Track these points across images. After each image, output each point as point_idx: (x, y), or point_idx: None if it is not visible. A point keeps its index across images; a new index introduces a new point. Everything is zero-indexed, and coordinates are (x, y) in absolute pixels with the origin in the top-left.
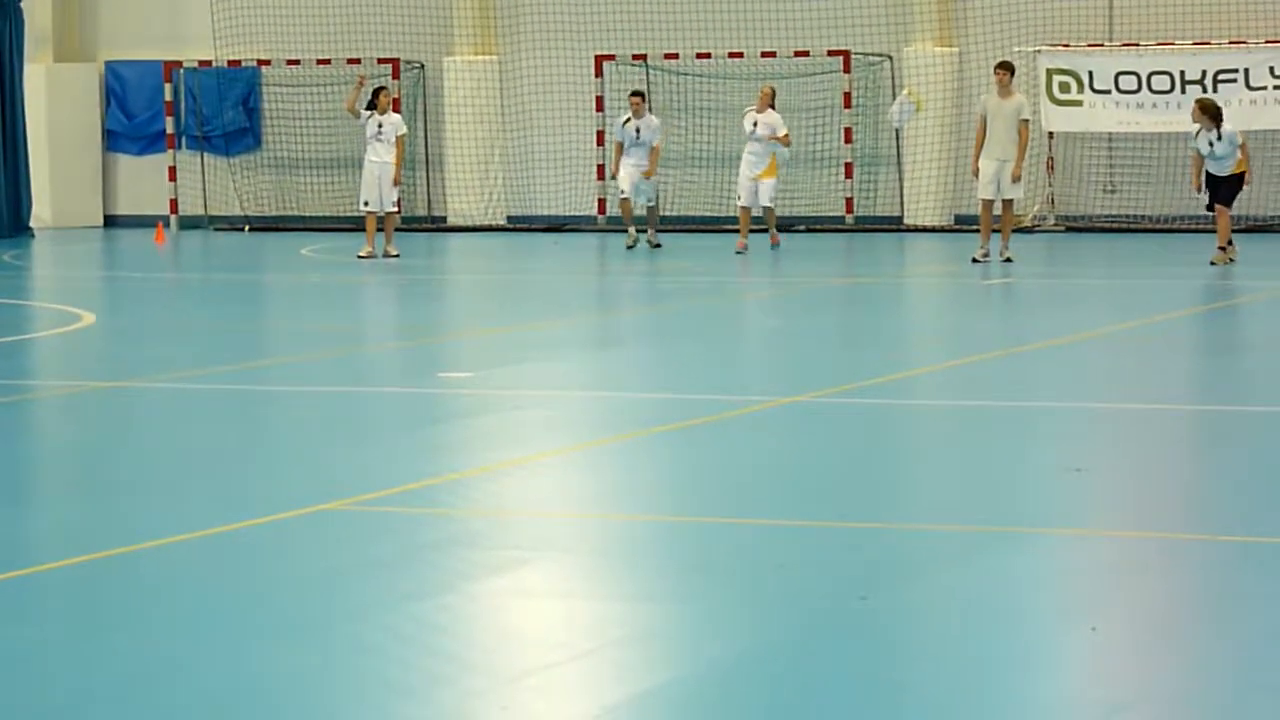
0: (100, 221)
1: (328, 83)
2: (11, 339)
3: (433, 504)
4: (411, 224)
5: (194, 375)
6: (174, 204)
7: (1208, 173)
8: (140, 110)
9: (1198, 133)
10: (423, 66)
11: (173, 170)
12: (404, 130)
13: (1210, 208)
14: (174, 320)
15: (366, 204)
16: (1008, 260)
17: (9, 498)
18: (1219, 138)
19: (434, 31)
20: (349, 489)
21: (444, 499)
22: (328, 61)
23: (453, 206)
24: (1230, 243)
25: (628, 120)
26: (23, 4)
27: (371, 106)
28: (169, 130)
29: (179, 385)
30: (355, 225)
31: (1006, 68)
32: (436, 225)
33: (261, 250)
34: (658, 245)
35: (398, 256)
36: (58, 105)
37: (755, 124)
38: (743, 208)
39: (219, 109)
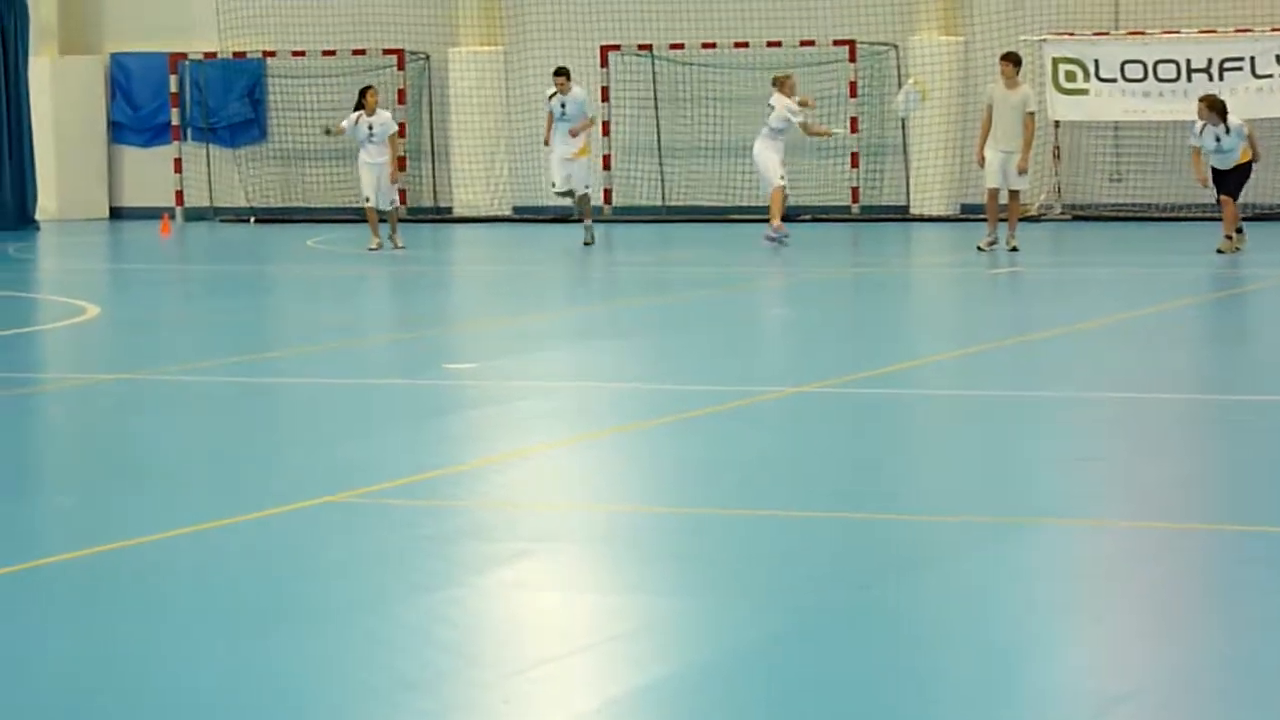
0: (106, 214)
1: (333, 74)
2: (17, 331)
3: (439, 496)
4: (417, 215)
5: (199, 368)
6: (179, 196)
7: (1213, 167)
8: (145, 102)
9: (1201, 129)
10: (428, 57)
11: (178, 162)
12: (394, 128)
13: (1222, 193)
14: (179, 312)
15: (368, 199)
16: (1014, 249)
17: (15, 490)
18: (1227, 131)
19: (439, 22)
20: (355, 481)
21: (450, 491)
22: (333, 53)
23: (458, 197)
24: (1239, 230)
25: (553, 94)
26: None
27: (360, 107)
28: (174, 122)
29: (184, 378)
30: (360, 217)
31: (1011, 59)
32: (442, 216)
33: (267, 242)
34: (590, 242)
35: (404, 249)
36: (63, 98)
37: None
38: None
39: (224, 101)
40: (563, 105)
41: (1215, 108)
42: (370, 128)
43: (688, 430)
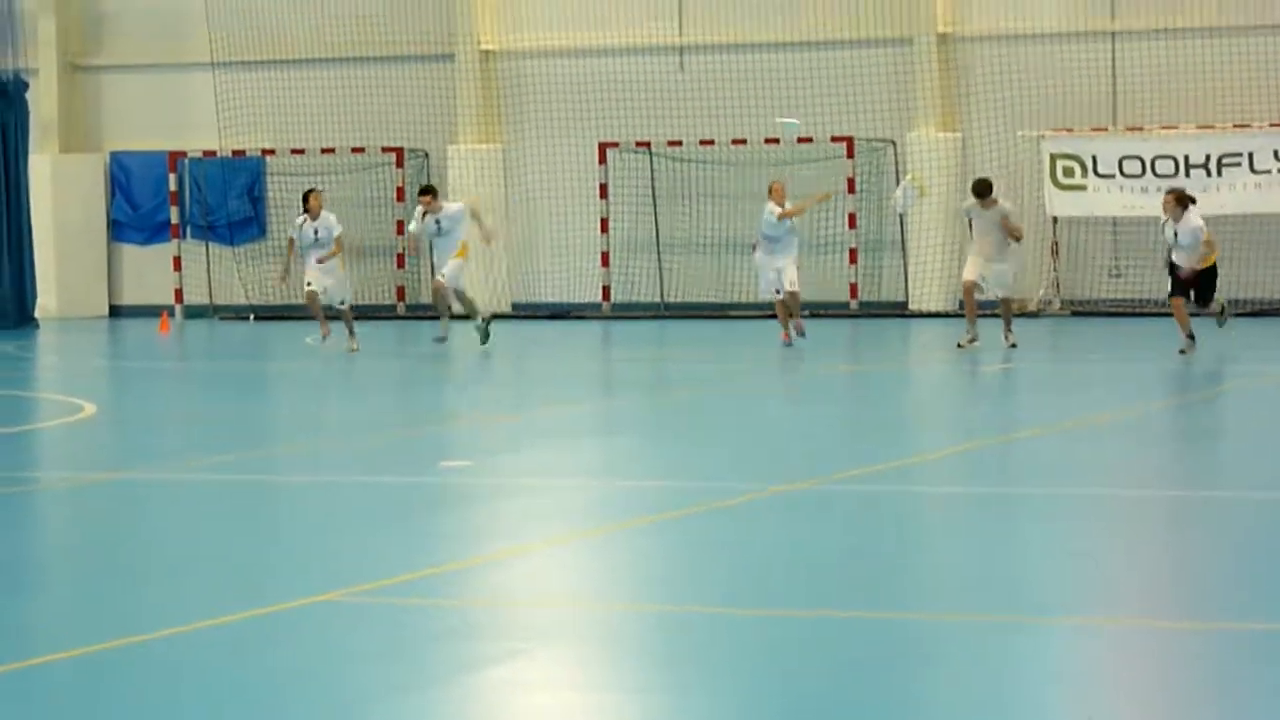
0: (105, 311)
1: (332, 172)
2: (14, 430)
3: (432, 595)
4: (416, 312)
5: (194, 466)
6: (179, 294)
7: (1172, 263)
8: (145, 200)
9: (1164, 222)
10: (427, 155)
11: (178, 260)
12: (339, 230)
13: (1176, 294)
14: (176, 410)
15: (309, 284)
16: (1013, 346)
17: (12, 588)
18: (1194, 228)
19: (438, 119)
20: (348, 579)
21: (443, 589)
22: (332, 151)
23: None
24: (1191, 337)
25: (425, 214)
26: (28, 95)
27: (307, 210)
28: (174, 220)
29: (179, 476)
30: (359, 314)
31: (980, 191)
32: (440, 313)
33: (265, 339)
34: (486, 328)
35: (358, 350)
36: (63, 195)
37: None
38: (791, 294)
39: (224, 198)
40: (438, 224)
41: (1181, 202)
42: (315, 232)
43: (682, 528)
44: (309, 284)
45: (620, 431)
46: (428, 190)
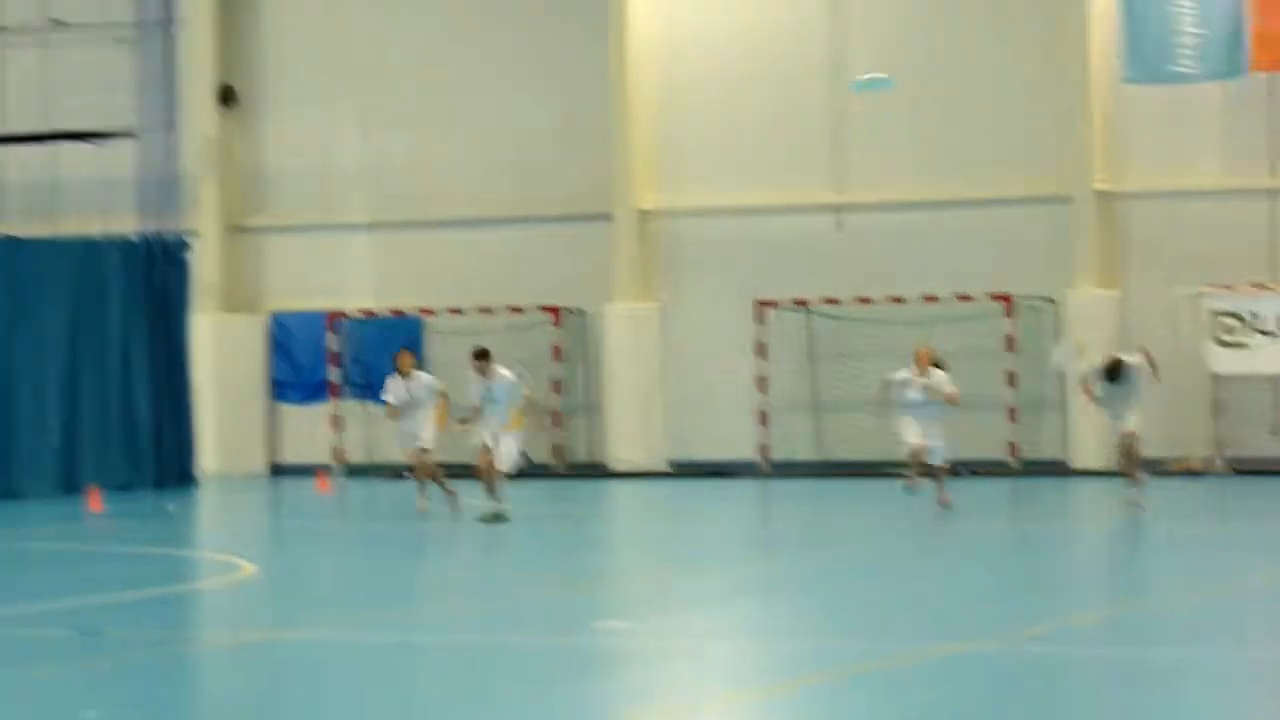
0: (265, 470)
1: (490, 331)
2: (174, 589)
3: None
4: (576, 470)
5: (354, 626)
6: (338, 452)
7: None
8: (305, 359)
9: None
10: (584, 314)
11: (337, 419)
12: (440, 386)
13: None
14: (335, 570)
15: (419, 443)
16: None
17: None
18: None
19: (595, 278)
20: None
21: None
22: (490, 310)
23: (613, 452)
24: None
25: (479, 379)
26: (190, 255)
27: (399, 371)
28: (333, 379)
29: (339, 635)
30: (517, 474)
31: (1117, 375)
32: (597, 471)
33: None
34: (498, 516)
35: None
36: (224, 355)
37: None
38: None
39: (382, 357)
40: (489, 389)
41: None
42: (409, 392)
43: (842, 689)
44: (416, 439)
45: (778, 591)
46: (483, 354)
